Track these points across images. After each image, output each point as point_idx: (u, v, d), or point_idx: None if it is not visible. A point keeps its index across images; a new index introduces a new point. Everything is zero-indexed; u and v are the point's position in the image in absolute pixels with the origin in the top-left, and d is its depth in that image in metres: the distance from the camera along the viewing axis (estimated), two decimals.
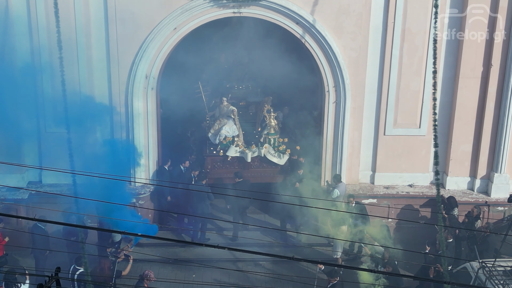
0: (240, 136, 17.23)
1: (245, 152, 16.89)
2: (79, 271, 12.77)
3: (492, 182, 16.28)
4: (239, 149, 16.93)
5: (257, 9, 15.18)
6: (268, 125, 17.23)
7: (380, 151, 16.35)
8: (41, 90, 15.41)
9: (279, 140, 17.13)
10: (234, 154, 16.95)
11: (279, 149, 16.99)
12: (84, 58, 15.23)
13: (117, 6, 14.92)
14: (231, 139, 17.05)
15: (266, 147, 16.92)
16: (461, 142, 16.29)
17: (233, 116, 17.26)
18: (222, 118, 17.40)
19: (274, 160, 16.92)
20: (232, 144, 16.98)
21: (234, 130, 17.18)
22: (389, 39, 15.44)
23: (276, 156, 16.94)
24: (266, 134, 17.15)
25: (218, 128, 17.25)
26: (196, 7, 14.96)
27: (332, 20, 15.28)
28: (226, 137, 17.07)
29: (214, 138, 17.25)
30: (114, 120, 15.75)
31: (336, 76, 15.71)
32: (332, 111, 16.05)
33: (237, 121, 17.29)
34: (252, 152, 16.91)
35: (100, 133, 15.78)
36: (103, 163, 13.37)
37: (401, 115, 16.04)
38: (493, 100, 15.87)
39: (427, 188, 16.53)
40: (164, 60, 15.66)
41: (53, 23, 13.71)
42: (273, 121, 17.19)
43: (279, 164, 16.94)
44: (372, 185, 16.61)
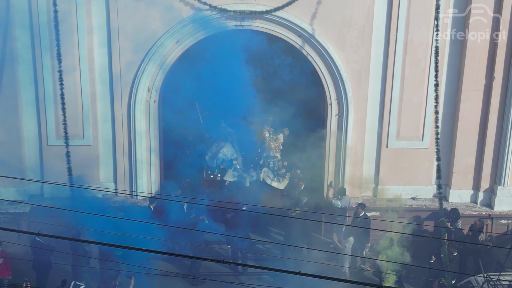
0: (239, 159, 16.80)
1: (243, 177, 16.47)
2: (81, 287, 12.69)
3: (495, 195, 16.22)
4: (237, 173, 16.47)
5: (259, 22, 15.21)
6: (268, 147, 16.79)
7: (383, 163, 16.30)
8: (43, 102, 15.39)
9: (279, 164, 16.67)
10: (231, 178, 16.51)
11: (279, 173, 16.52)
12: (87, 71, 15.23)
13: (119, 19, 14.97)
14: (229, 163, 16.65)
15: (265, 170, 16.47)
16: (464, 154, 16.24)
17: (230, 139, 16.82)
18: (220, 141, 16.94)
19: (274, 185, 16.46)
20: (230, 167, 16.56)
21: (232, 153, 16.79)
22: (391, 51, 15.45)
23: (275, 180, 16.49)
24: (266, 157, 16.69)
25: (215, 151, 16.85)
26: (199, 20, 14.96)
27: (335, 33, 15.30)
28: (224, 161, 16.61)
29: (212, 162, 16.81)
30: (116, 134, 15.72)
31: (338, 88, 15.70)
32: (335, 123, 16.02)
33: (236, 144, 16.86)
34: (251, 176, 16.48)
35: (102, 147, 15.83)
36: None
37: (403, 128, 16.01)
38: (496, 113, 15.84)
39: (430, 201, 16.46)
40: (166, 73, 15.65)
41: (54, 35, 13.82)
42: (273, 144, 16.72)
43: (279, 188, 16.47)
44: (375, 198, 16.55)
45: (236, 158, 16.79)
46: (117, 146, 15.85)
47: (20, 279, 12.83)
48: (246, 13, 14.92)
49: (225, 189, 16.38)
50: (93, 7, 14.99)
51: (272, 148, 16.72)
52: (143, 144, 15.82)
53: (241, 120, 18.21)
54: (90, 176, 15.50)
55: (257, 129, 18.15)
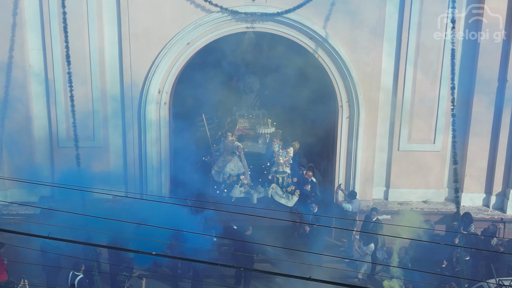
0: (246, 174, 16.25)
1: (250, 193, 15.98)
2: (79, 277, 12.69)
3: (508, 199, 16.08)
4: (244, 189, 15.95)
5: (270, 24, 15.15)
6: (277, 162, 16.24)
7: (394, 166, 16.20)
8: (54, 105, 15.43)
9: (287, 180, 16.11)
10: (238, 195, 15.89)
11: (288, 190, 15.91)
12: (97, 73, 15.25)
13: (130, 21, 14.97)
14: (235, 179, 16.13)
15: (273, 187, 15.88)
16: (476, 158, 16.12)
17: (238, 152, 16.29)
18: (227, 155, 16.38)
19: (282, 202, 15.81)
20: (237, 183, 16.04)
21: (239, 167, 16.23)
22: (403, 53, 15.34)
23: (284, 197, 15.83)
24: (274, 172, 16.15)
25: (222, 165, 16.34)
26: (210, 22, 14.95)
27: (346, 34, 15.22)
28: (230, 176, 16.15)
29: (218, 176, 16.31)
30: (127, 135, 15.73)
31: (349, 90, 15.61)
32: (346, 126, 15.93)
33: (243, 158, 16.30)
34: (258, 193, 15.97)
35: (113, 148, 15.83)
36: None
37: (415, 131, 15.90)
38: (508, 116, 15.71)
39: (441, 204, 16.34)
40: (177, 75, 15.65)
41: (64, 37, 13.87)
42: (282, 159, 16.09)
43: (288, 206, 15.77)
44: (386, 201, 16.44)
45: (244, 173, 16.27)
46: (127, 148, 15.84)
47: (18, 277, 12.86)
48: (257, 15, 14.87)
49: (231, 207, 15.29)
50: (103, 8, 15.00)
51: (281, 163, 16.14)
52: (153, 146, 15.81)
53: (251, 129, 17.93)
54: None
55: (265, 139, 17.74)
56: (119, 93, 15.57)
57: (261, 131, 17.93)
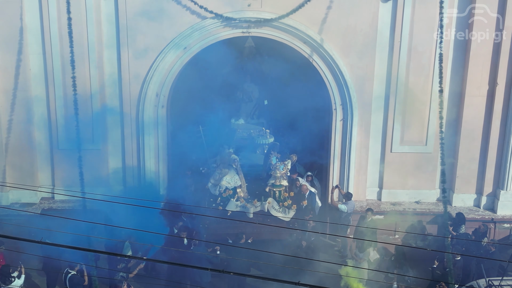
0: (243, 187, 16.12)
1: (246, 207, 15.80)
2: (70, 274, 13.02)
3: (498, 199, 16.39)
4: (240, 203, 15.81)
5: (265, 29, 15.41)
6: (273, 176, 16.08)
7: (387, 168, 16.50)
8: (54, 107, 15.71)
9: (284, 194, 16.00)
10: (234, 209, 15.64)
11: (285, 205, 15.83)
12: (96, 75, 15.53)
13: (128, 25, 15.22)
14: (232, 192, 15.97)
15: (270, 202, 15.72)
16: (467, 159, 16.41)
17: (234, 166, 16.20)
18: (223, 168, 16.22)
19: (279, 216, 15.65)
20: (233, 196, 15.91)
21: (236, 180, 16.03)
22: (395, 57, 15.62)
23: (281, 212, 15.72)
24: (271, 186, 16.00)
25: (218, 178, 16.14)
26: (206, 26, 15.21)
27: (340, 39, 15.49)
28: (226, 189, 15.98)
29: (214, 189, 16.19)
30: (125, 138, 16.00)
31: (343, 94, 15.90)
32: (339, 128, 16.22)
33: (240, 171, 16.21)
34: (255, 207, 15.77)
35: (112, 150, 16.11)
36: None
37: (407, 133, 16.19)
38: (499, 118, 15.99)
39: (433, 204, 16.65)
40: (174, 79, 15.92)
41: (66, 42, 14.15)
42: (279, 172, 15.90)
43: (284, 220, 15.67)
44: (379, 201, 16.75)
45: (240, 186, 16.11)
46: (126, 150, 16.14)
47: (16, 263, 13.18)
48: (252, 21, 15.12)
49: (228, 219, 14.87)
50: (102, 13, 15.25)
51: (279, 176, 15.99)
52: (151, 148, 16.09)
53: (246, 143, 17.89)
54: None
55: (263, 150, 17.78)
56: (118, 97, 15.83)
57: (259, 142, 18.14)
